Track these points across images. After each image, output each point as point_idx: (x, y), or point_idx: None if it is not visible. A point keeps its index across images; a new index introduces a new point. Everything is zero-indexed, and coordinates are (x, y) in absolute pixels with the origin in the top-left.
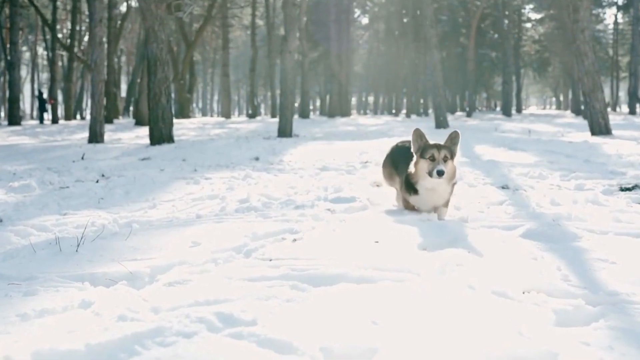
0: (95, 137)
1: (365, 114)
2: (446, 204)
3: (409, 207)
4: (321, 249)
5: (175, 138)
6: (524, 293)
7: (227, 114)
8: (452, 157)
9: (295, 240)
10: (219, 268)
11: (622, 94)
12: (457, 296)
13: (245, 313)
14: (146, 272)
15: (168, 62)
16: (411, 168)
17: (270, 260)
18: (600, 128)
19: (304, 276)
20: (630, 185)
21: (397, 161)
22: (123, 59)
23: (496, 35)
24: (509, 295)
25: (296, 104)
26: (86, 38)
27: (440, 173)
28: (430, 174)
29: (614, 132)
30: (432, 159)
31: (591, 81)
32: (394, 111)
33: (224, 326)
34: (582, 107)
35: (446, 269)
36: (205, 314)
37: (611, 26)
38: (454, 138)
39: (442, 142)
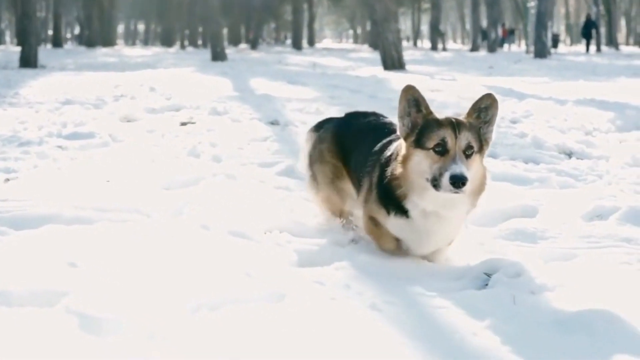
0: None
1: (134, 44)
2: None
3: (385, 242)
4: (38, 190)
5: None
6: (265, 233)
7: None
8: (481, 149)
9: (8, 180)
10: None
11: (425, 28)
12: (187, 237)
13: None
14: None
15: None
16: (396, 168)
17: None
18: (393, 62)
19: (5, 218)
20: None
21: (349, 151)
22: None
23: None
24: (248, 236)
25: (50, 32)
26: None
27: (459, 181)
28: (435, 183)
29: (408, 67)
30: (442, 150)
31: (384, 8)
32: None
33: None
34: None
35: (184, 209)
36: None
37: None
38: (485, 109)
39: (461, 116)
